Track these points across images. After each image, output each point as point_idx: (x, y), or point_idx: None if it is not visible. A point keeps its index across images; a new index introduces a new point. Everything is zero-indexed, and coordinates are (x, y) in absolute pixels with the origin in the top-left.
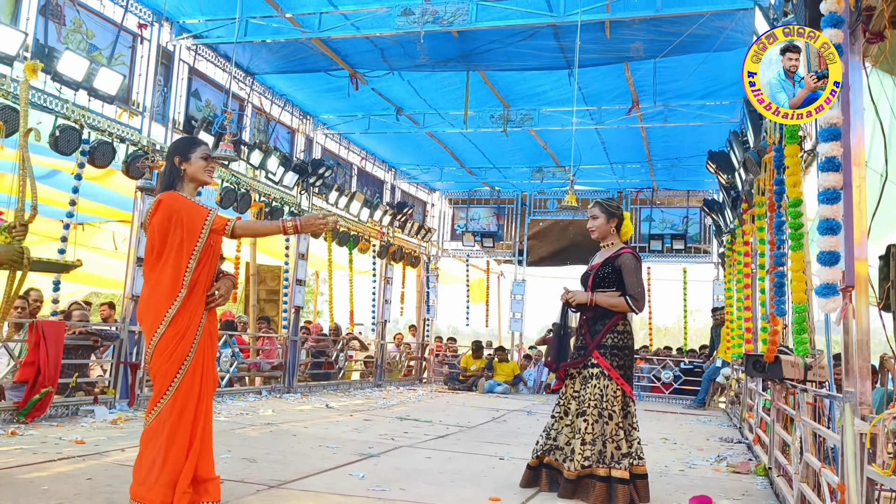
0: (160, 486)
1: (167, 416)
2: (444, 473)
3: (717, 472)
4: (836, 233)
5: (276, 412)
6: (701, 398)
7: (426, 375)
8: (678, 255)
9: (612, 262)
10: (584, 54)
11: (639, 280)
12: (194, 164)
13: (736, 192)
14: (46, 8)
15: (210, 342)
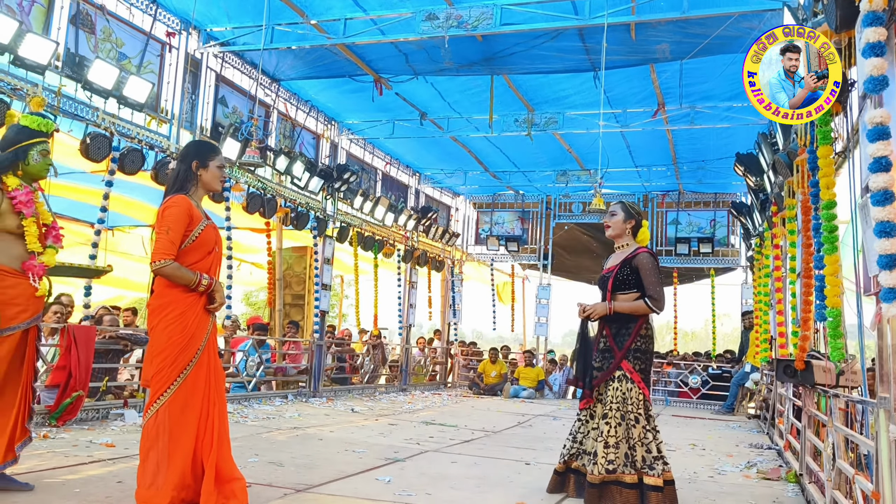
0: (167, 488)
1: (165, 417)
2: (470, 478)
3: (748, 478)
4: (891, 235)
5: (302, 416)
6: (729, 403)
7: (451, 380)
8: (705, 258)
9: (630, 263)
10: (610, 56)
11: (657, 280)
12: (210, 172)
13: (765, 194)
14: (77, 17)
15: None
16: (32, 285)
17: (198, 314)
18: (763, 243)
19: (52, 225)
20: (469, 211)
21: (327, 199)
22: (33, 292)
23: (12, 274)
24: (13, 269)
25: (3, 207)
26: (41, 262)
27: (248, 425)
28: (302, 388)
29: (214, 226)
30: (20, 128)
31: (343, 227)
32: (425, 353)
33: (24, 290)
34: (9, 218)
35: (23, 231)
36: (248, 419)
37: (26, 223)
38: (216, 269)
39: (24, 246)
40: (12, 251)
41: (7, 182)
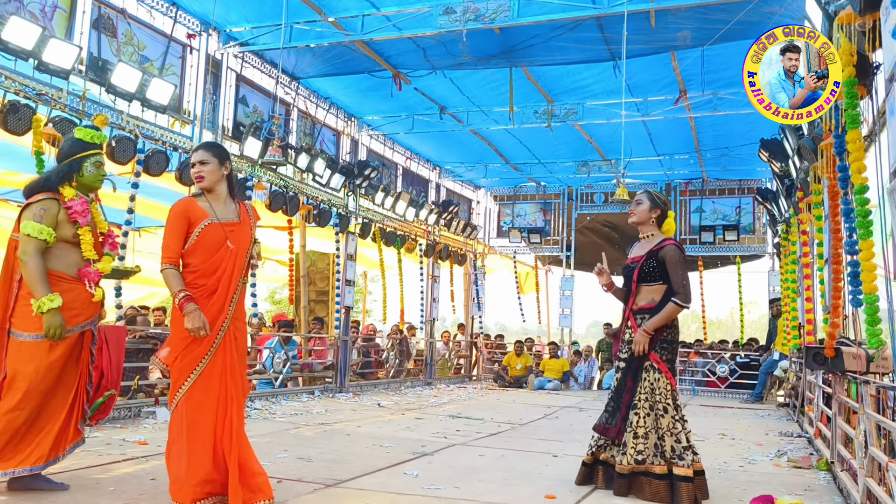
0: (191, 483)
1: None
2: (498, 471)
3: (778, 467)
4: None
5: (329, 412)
6: (758, 392)
7: (476, 373)
8: (731, 246)
9: (657, 255)
10: (630, 45)
11: (683, 273)
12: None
13: (790, 180)
14: (99, 22)
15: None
16: (88, 291)
17: (209, 313)
18: (789, 229)
19: (109, 233)
20: (490, 204)
21: (349, 196)
22: (89, 298)
23: (68, 280)
24: (69, 276)
25: (60, 217)
26: (96, 269)
27: (276, 421)
28: (328, 384)
29: (225, 224)
30: (74, 140)
31: (365, 223)
32: (449, 346)
33: (79, 295)
34: (65, 227)
35: (79, 240)
36: (276, 415)
37: (82, 232)
38: (230, 266)
39: (80, 254)
40: (69, 259)
41: (63, 193)
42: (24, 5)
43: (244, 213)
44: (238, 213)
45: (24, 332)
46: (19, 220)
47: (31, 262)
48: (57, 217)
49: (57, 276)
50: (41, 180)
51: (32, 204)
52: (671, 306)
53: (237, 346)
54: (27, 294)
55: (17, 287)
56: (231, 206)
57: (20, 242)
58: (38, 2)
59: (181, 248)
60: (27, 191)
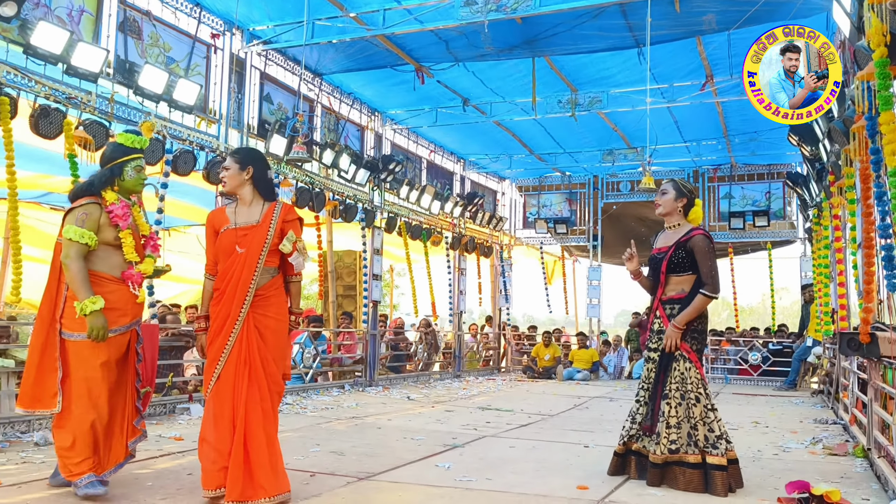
0: (209, 473)
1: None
2: (529, 462)
3: (813, 454)
4: None
5: (360, 405)
6: (791, 379)
7: (504, 365)
8: (761, 231)
9: (685, 245)
10: (654, 31)
11: (712, 264)
12: None
13: (821, 163)
14: (125, 24)
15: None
16: (132, 292)
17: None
18: (821, 214)
19: (150, 236)
20: (515, 195)
21: (374, 191)
22: (133, 298)
23: (113, 281)
24: (114, 277)
25: (102, 221)
26: (139, 270)
27: (308, 416)
28: (358, 378)
29: (239, 228)
30: (116, 145)
31: (391, 218)
32: (477, 339)
33: (123, 296)
34: (107, 230)
35: (120, 242)
36: (307, 410)
37: (123, 235)
38: (239, 270)
39: (122, 256)
40: (112, 261)
41: (106, 197)
42: (52, 10)
43: (268, 214)
44: (261, 215)
45: (76, 332)
46: (63, 224)
47: (73, 265)
48: (99, 221)
49: (102, 277)
50: (85, 185)
51: (76, 208)
52: (700, 298)
53: (264, 344)
54: (73, 296)
55: (66, 288)
56: (256, 209)
57: (63, 246)
58: (65, 6)
59: (213, 257)
60: (72, 195)
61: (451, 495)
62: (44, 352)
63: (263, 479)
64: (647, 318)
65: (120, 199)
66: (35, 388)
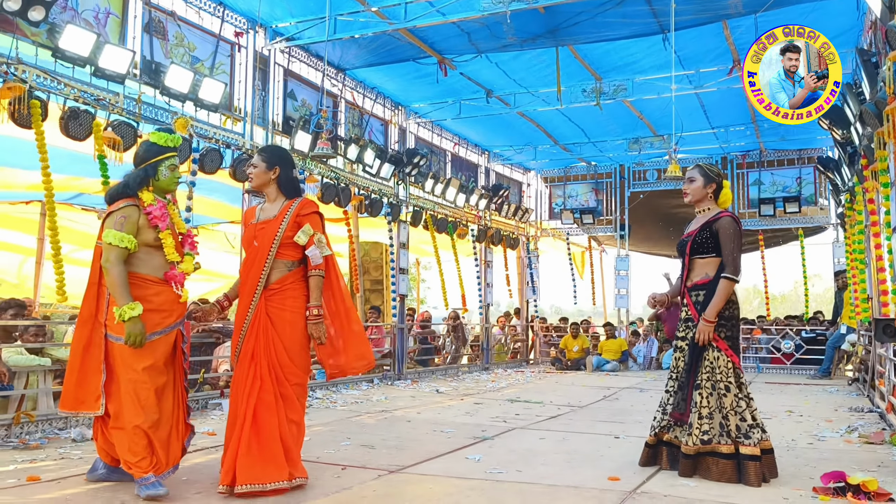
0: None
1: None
2: (560, 454)
3: (849, 443)
4: None
5: (389, 399)
6: (825, 367)
7: (533, 357)
8: (792, 218)
9: (711, 226)
10: (679, 17)
11: (735, 246)
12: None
13: (853, 147)
14: (150, 25)
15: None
16: (175, 293)
17: (240, 305)
18: (854, 199)
19: (188, 233)
20: (540, 186)
21: (399, 185)
22: (177, 298)
23: (156, 283)
24: (156, 278)
25: (141, 223)
26: (181, 270)
27: (338, 410)
28: (387, 372)
29: (257, 224)
30: (149, 145)
31: (416, 211)
32: (505, 331)
33: (168, 297)
34: (146, 232)
35: (160, 243)
36: (337, 404)
37: (163, 236)
38: (252, 262)
39: (163, 256)
40: (154, 262)
41: (143, 198)
42: (79, 13)
43: (284, 209)
44: (278, 211)
45: (122, 334)
46: (103, 228)
47: (114, 270)
48: (138, 223)
49: (145, 279)
50: (120, 187)
51: (114, 212)
52: (723, 283)
53: (278, 336)
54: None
55: (108, 291)
56: (276, 206)
57: (103, 251)
58: (91, 9)
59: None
60: (108, 198)
61: (481, 487)
62: (86, 353)
63: (272, 465)
64: (667, 309)
65: (157, 200)
66: (78, 389)
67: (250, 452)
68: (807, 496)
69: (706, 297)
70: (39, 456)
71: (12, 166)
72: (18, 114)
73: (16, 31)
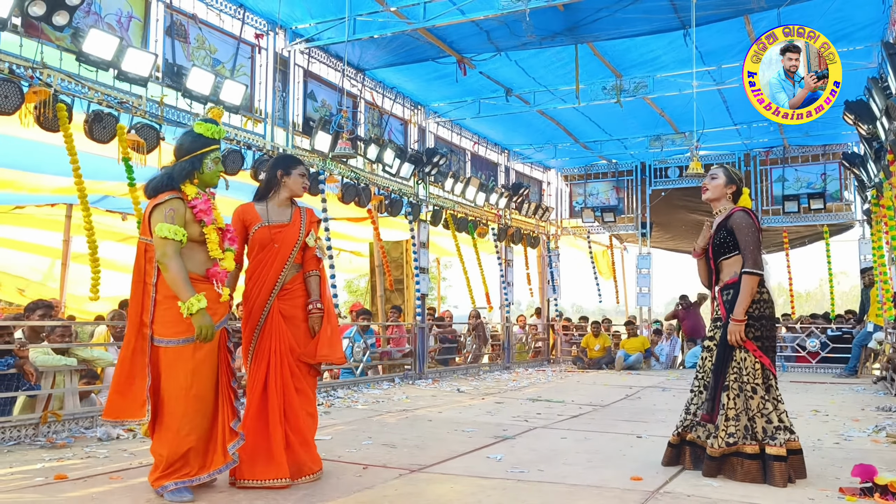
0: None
1: None
2: (582, 453)
3: (876, 442)
4: None
5: (410, 398)
6: (852, 366)
7: (554, 355)
8: (817, 215)
9: (726, 225)
10: (700, 12)
11: (751, 239)
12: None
13: (879, 142)
14: (172, 28)
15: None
16: (217, 291)
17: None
18: (880, 195)
19: (227, 228)
20: (561, 184)
21: (419, 184)
22: (218, 297)
23: (200, 280)
24: (200, 276)
25: (187, 217)
26: (223, 267)
27: (359, 409)
28: (408, 371)
29: (273, 226)
30: (195, 136)
31: (436, 211)
32: (526, 330)
33: (211, 296)
34: (191, 227)
35: (204, 238)
36: (358, 403)
37: (207, 231)
38: (273, 261)
39: (206, 252)
40: (197, 258)
41: (186, 191)
42: (102, 17)
43: (297, 216)
44: (290, 216)
45: (167, 337)
46: (148, 222)
47: (173, 264)
48: (185, 217)
49: (190, 276)
50: (164, 178)
51: (160, 205)
52: (745, 280)
53: (289, 332)
54: (166, 298)
55: (154, 290)
56: (287, 209)
57: (157, 245)
58: (114, 13)
59: (241, 247)
60: (151, 190)
61: (503, 486)
62: (133, 359)
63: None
64: (686, 309)
65: (200, 194)
66: (124, 397)
67: (306, 443)
68: (833, 496)
69: (735, 296)
70: (66, 455)
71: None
72: (44, 117)
73: (41, 35)
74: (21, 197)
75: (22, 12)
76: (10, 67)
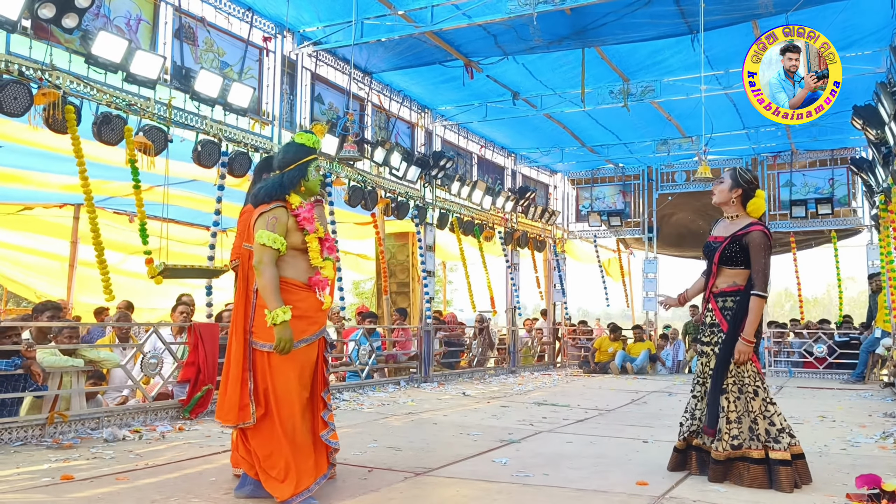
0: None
1: None
2: (587, 458)
3: (884, 449)
4: None
5: (416, 401)
6: (859, 372)
7: (560, 360)
8: (825, 220)
9: (741, 240)
10: (708, 17)
11: (765, 262)
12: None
13: (887, 147)
14: (180, 31)
15: None
16: (319, 299)
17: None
18: (889, 200)
19: (327, 237)
20: (567, 188)
21: (425, 187)
22: (320, 305)
23: (302, 288)
24: (302, 284)
25: (290, 225)
26: (325, 276)
27: (364, 412)
28: (413, 374)
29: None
30: (298, 146)
31: (443, 214)
32: (532, 334)
33: (313, 304)
34: (294, 235)
35: (306, 247)
36: (364, 406)
37: (309, 239)
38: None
39: (308, 261)
40: (300, 266)
41: (291, 200)
42: (111, 20)
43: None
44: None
45: (268, 342)
46: (251, 230)
47: (267, 271)
48: (287, 225)
49: (292, 284)
50: (275, 187)
51: (265, 213)
52: (755, 301)
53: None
54: (263, 304)
55: (255, 296)
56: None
57: (255, 252)
58: (123, 16)
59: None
60: (257, 198)
61: (508, 490)
62: (235, 363)
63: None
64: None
65: (304, 203)
66: (230, 400)
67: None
68: (840, 503)
69: (734, 306)
70: (72, 455)
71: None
72: (53, 119)
73: (50, 38)
74: (29, 193)
75: (32, 15)
76: (20, 69)
